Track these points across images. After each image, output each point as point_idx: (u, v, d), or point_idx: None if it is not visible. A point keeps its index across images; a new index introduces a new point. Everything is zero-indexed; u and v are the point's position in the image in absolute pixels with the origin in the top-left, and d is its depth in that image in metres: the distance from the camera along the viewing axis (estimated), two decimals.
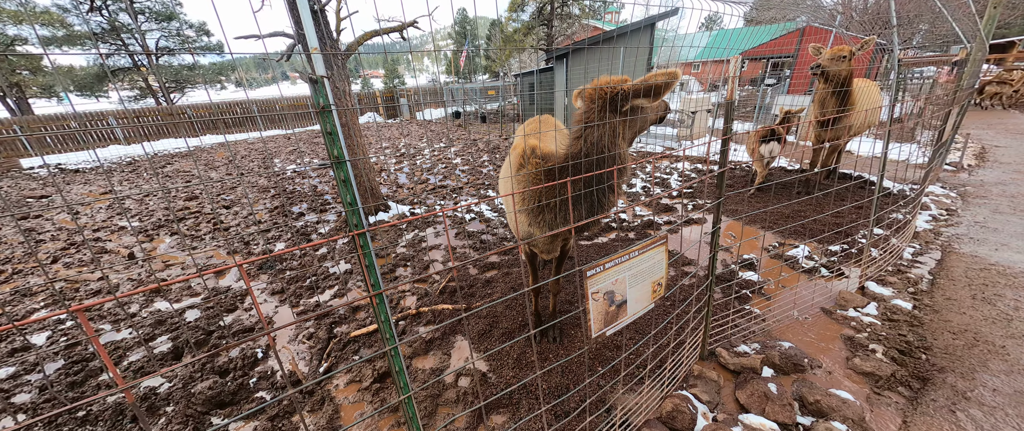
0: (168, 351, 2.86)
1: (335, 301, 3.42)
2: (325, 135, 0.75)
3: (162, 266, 4.38)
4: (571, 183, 1.65)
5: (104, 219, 6.20)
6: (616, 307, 1.38)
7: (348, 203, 0.80)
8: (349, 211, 0.81)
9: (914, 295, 2.69)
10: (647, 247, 1.42)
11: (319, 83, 0.72)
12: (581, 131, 1.65)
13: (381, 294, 0.88)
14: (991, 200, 4.24)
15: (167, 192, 7.78)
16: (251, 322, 3.19)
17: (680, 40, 5.34)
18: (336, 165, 0.77)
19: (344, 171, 0.78)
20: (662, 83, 1.47)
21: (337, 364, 2.61)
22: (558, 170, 1.73)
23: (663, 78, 1.46)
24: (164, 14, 19.57)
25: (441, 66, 46.25)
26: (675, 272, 3.25)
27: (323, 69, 0.73)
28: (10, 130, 12.08)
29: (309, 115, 18.40)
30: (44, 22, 15.38)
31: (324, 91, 0.73)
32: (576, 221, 1.70)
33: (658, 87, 1.49)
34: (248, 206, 6.44)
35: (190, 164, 10.98)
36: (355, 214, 0.81)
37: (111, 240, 5.25)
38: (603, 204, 1.67)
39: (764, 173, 4.66)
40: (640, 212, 4.69)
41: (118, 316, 3.39)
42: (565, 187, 1.70)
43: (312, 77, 0.71)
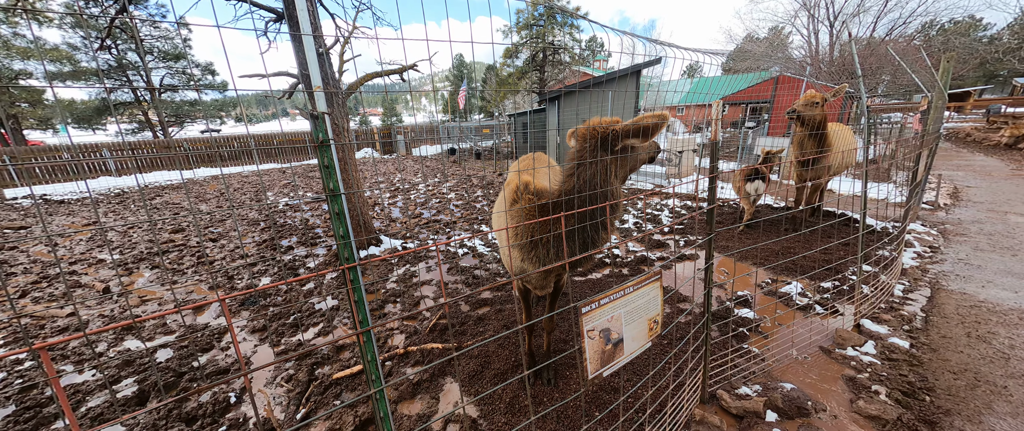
0: (133, 395, 2.65)
1: (319, 339, 3.26)
2: (322, 168, 0.76)
3: (138, 301, 4.18)
4: (564, 219, 1.66)
5: (83, 251, 5.99)
6: (612, 346, 1.34)
7: (341, 236, 0.79)
8: (341, 244, 0.79)
9: (910, 333, 2.67)
10: (642, 282, 1.41)
11: (320, 119, 0.74)
12: (574, 168, 1.69)
13: (369, 331, 0.84)
14: (971, 238, 4.37)
15: (153, 224, 7.62)
16: (227, 362, 3.00)
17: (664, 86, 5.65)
18: (331, 198, 0.77)
19: (339, 204, 0.78)
20: (652, 124, 1.54)
21: (316, 410, 2.43)
22: (551, 206, 1.75)
23: (653, 119, 1.54)
24: (173, 54, 20.33)
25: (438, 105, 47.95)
26: (670, 309, 3.20)
27: (324, 106, 0.75)
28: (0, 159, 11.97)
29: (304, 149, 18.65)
30: (52, 58, 15.82)
31: (324, 126, 0.75)
32: (569, 257, 1.69)
33: (648, 128, 1.56)
34: (236, 239, 6.31)
35: (181, 196, 10.88)
36: (347, 247, 0.80)
37: (87, 273, 5.03)
38: (595, 240, 1.67)
39: (751, 210, 4.77)
40: (633, 248, 4.71)
41: (83, 356, 3.17)
42: (558, 223, 1.71)
43: (313, 113, 0.72)
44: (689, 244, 4.77)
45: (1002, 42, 20.59)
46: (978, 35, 31.80)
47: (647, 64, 10.20)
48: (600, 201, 1.64)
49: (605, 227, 1.68)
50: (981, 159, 10.01)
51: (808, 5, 19.11)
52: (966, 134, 14.57)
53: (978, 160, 9.89)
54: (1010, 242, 4.17)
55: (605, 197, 1.64)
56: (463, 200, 8.15)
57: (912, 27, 19.53)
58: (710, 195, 1.87)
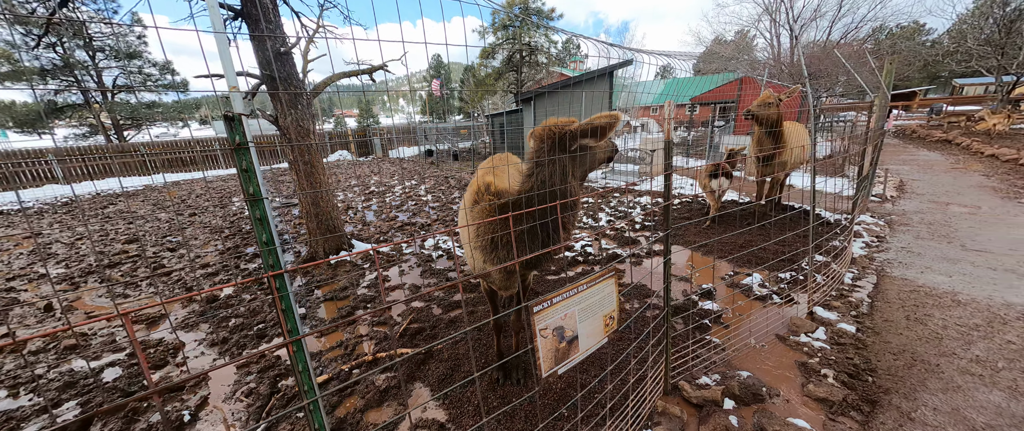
0: (74, 418, 2.46)
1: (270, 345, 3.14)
2: (240, 172, 0.73)
3: (84, 318, 3.89)
4: (520, 218, 1.67)
5: (23, 266, 5.53)
6: (567, 343, 1.35)
7: (264, 243, 0.76)
8: (265, 251, 0.76)
9: (856, 318, 2.84)
10: (595, 280, 1.44)
11: (236, 121, 0.71)
12: (532, 168, 1.70)
13: (299, 341, 0.81)
14: (913, 227, 4.70)
15: (104, 234, 7.12)
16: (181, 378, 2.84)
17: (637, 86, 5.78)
18: (252, 203, 0.74)
19: (260, 209, 0.75)
20: (605, 124, 1.57)
21: (278, 424, 2.34)
22: (511, 206, 1.75)
23: (606, 120, 1.56)
24: (126, 52, 19.11)
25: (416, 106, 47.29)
26: (638, 304, 3.28)
27: (241, 107, 0.72)
28: None
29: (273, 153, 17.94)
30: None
31: (241, 129, 0.72)
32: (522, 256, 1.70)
33: (602, 127, 1.58)
34: (196, 248, 5.99)
35: (136, 204, 10.23)
36: (272, 254, 0.77)
37: (27, 290, 4.65)
38: (554, 239, 1.69)
39: (717, 205, 4.95)
40: (606, 245, 4.79)
41: (19, 379, 2.92)
42: (516, 222, 1.72)
43: (228, 114, 0.69)
44: (659, 240, 4.90)
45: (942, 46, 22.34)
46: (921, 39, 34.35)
47: (619, 65, 10.41)
48: (558, 200, 1.65)
49: (563, 226, 1.69)
50: (924, 154, 10.81)
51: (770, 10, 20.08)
52: (912, 131, 15.69)
53: (922, 155, 10.66)
54: (947, 230, 4.52)
55: (563, 196, 1.66)
56: (440, 202, 8.07)
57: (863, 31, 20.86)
58: (665, 192, 1.93)
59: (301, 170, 4.66)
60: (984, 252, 3.79)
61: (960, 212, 5.17)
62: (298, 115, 4.45)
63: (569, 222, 1.71)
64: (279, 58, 4.24)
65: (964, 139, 11.16)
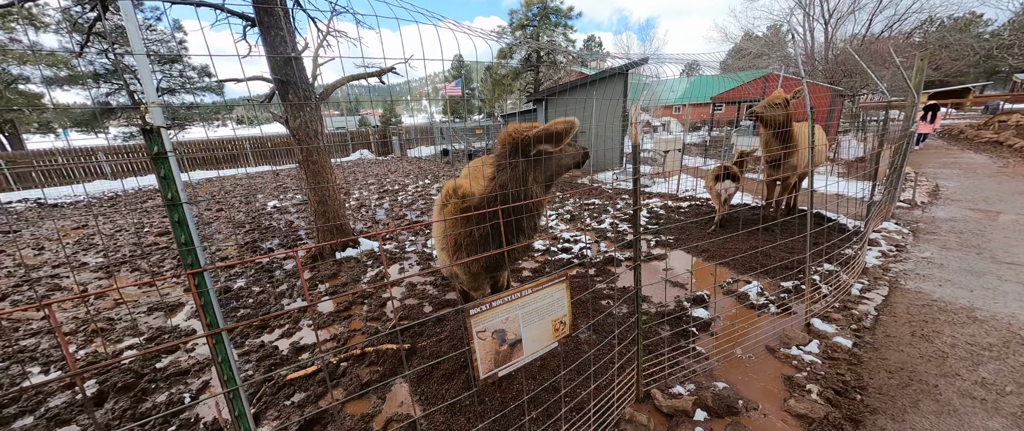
0: (92, 396, 2.70)
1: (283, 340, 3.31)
2: (160, 180, 0.80)
3: (112, 304, 4.24)
4: (480, 221, 1.70)
5: (69, 255, 6.08)
6: (509, 347, 1.38)
7: (183, 244, 0.83)
8: (183, 251, 0.84)
9: (857, 332, 2.69)
10: (543, 285, 1.45)
11: (155, 133, 0.78)
12: (494, 172, 1.73)
13: (220, 334, 0.88)
14: (940, 236, 4.37)
15: (140, 227, 7.70)
16: (189, 364, 3.06)
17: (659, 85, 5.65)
18: (170, 207, 0.81)
19: (179, 213, 0.82)
20: (561, 129, 1.58)
21: (267, 410, 2.48)
22: (473, 209, 1.79)
23: (562, 125, 1.57)
24: (169, 57, 20.49)
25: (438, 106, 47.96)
26: (627, 309, 3.23)
27: (161, 120, 0.79)
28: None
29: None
30: (49, 63, 16.00)
31: (160, 140, 0.79)
32: (487, 258, 1.73)
33: (557, 133, 1.59)
34: (218, 242, 6.39)
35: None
36: (191, 254, 0.84)
37: (69, 277, 5.11)
38: (513, 242, 1.71)
39: (722, 209, 4.79)
40: (605, 249, 4.73)
41: (51, 358, 3.24)
42: (476, 225, 1.75)
43: (145, 127, 0.77)
44: (662, 244, 4.79)
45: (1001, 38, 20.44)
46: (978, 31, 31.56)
47: (633, 65, 10.22)
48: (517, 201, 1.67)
49: (520, 229, 1.71)
50: (969, 156, 9.97)
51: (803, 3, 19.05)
52: (959, 131, 14.49)
53: (967, 158, 9.84)
54: (978, 240, 4.18)
55: (522, 199, 1.68)
56: None
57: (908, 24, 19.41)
58: (634, 198, 1.91)
59: (309, 170, 4.87)
60: (1016, 265, 3.48)
61: (997, 220, 4.75)
62: (306, 118, 4.66)
63: (527, 225, 1.73)
64: (289, 63, 4.46)
65: (1017, 140, 10.21)
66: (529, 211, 1.71)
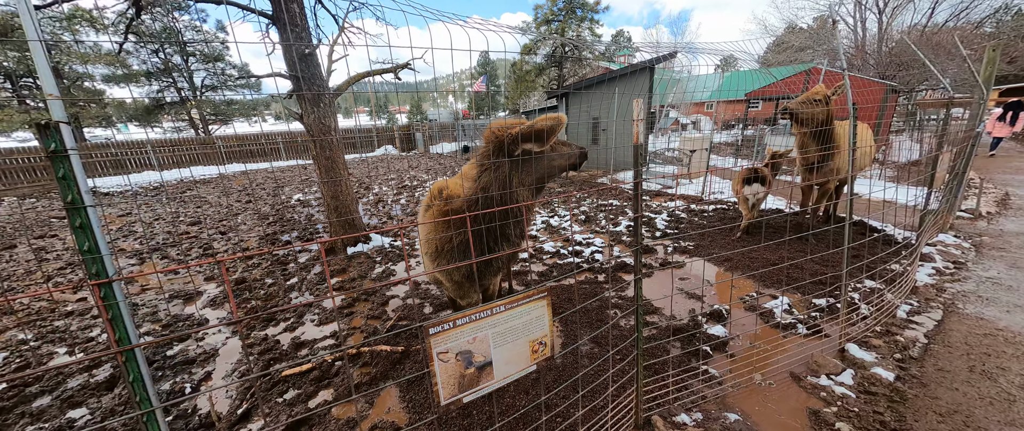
0: (103, 380, 2.82)
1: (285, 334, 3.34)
2: (59, 180, 0.72)
3: (139, 289, 4.47)
4: (461, 226, 1.57)
5: (110, 240, 6.52)
6: (477, 369, 1.24)
7: (86, 251, 0.75)
8: (88, 260, 0.75)
9: (901, 363, 2.34)
10: (518, 301, 1.30)
11: (52, 128, 0.70)
12: (478, 173, 1.59)
13: (131, 351, 0.80)
14: (1009, 253, 3.81)
15: (176, 216, 8.18)
16: (196, 353, 3.13)
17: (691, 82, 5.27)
18: (71, 211, 0.73)
19: (82, 217, 0.74)
20: (547, 128, 1.42)
21: (257, 406, 2.48)
22: (455, 212, 1.66)
23: (548, 123, 1.41)
24: (211, 56, 21.76)
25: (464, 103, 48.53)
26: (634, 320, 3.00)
27: (61, 115, 0.71)
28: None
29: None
30: (107, 62, 17.38)
31: (57, 136, 0.71)
32: (469, 266, 1.59)
33: (543, 131, 1.43)
34: (242, 232, 6.64)
35: (208, 190, 11.63)
36: (96, 263, 0.76)
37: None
38: (494, 248, 1.57)
39: (750, 215, 4.41)
40: (619, 253, 4.49)
41: (76, 339, 3.43)
42: (458, 229, 1.62)
43: (40, 122, 0.68)
44: (681, 251, 4.48)
45: None
46: None
47: (660, 59, 9.73)
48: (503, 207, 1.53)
49: (506, 236, 1.56)
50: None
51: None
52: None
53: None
54: None
55: (506, 204, 1.53)
56: None
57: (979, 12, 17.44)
58: (635, 204, 1.71)
59: (322, 165, 4.93)
60: None
61: None
62: (320, 113, 4.70)
63: (513, 232, 1.58)
64: (304, 60, 4.50)
65: None
66: (515, 216, 1.55)
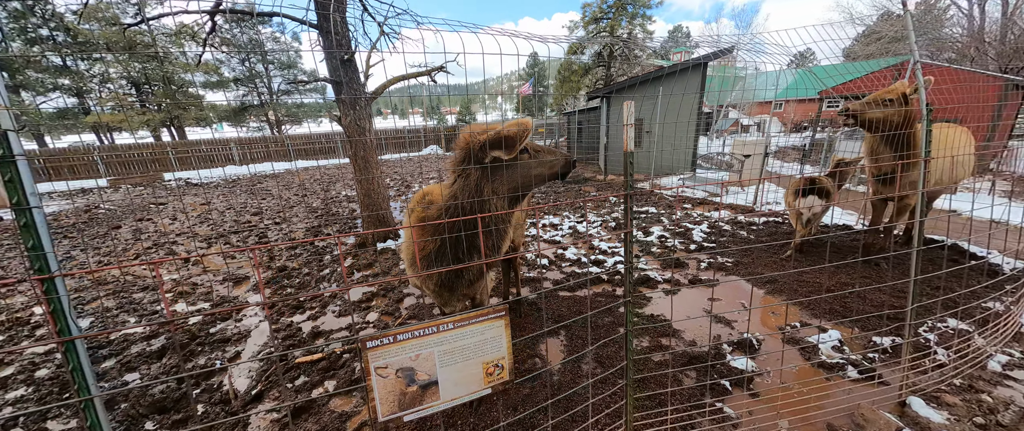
0: (155, 350, 3.21)
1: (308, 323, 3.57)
2: (5, 183, 0.79)
3: (201, 270, 5.08)
4: (434, 233, 1.52)
5: (190, 225, 7.51)
6: (420, 388, 1.18)
7: (31, 248, 0.81)
8: (32, 256, 0.82)
9: (983, 430, 1.86)
10: (470, 319, 1.21)
11: (1, 137, 0.76)
12: (453, 180, 1.54)
13: (72, 342, 0.86)
14: None
15: (244, 207, 9.22)
16: (233, 333, 3.46)
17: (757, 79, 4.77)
18: (18, 211, 0.79)
19: (26, 217, 0.80)
20: (512, 134, 1.32)
21: (269, 389, 2.66)
22: (431, 219, 1.62)
23: (513, 129, 1.31)
24: (287, 64, 24.28)
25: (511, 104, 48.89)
26: (648, 342, 2.75)
27: (9, 123, 0.77)
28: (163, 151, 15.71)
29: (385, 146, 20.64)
30: (205, 71, 20.16)
31: (5, 143, 0.77)
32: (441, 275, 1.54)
33: (509, 138, 1.33)
34: (293, 223, 7.28)
35: (273, 183, 12.98)
36: (40, 259, 0.82)
37: (182, 244, 6.30)
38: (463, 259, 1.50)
39: (804, 231, 3.85)
40: (645, 266, 4.18)
41: (144, 312, 3.96)
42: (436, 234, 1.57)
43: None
44: (715, 268, 4.04)
45: None
46: None
47: (715, 55, 8.97)
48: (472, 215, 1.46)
49: (475, 248, 1.49)
50: None
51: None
52: None
53: None
54: None
55: (476, 213, 1.45)
56: None
57: None
58: (625, 217, 1.54)
59: (357, 164, 5.21)
60: None
61: None
62: (356, 115, 4.98)
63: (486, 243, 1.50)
64: (343, 66, 4.79)
65: None
66: (486, 226, 1.47)
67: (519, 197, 1.54)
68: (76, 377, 0.90)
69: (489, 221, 1.45)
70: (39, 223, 0.84)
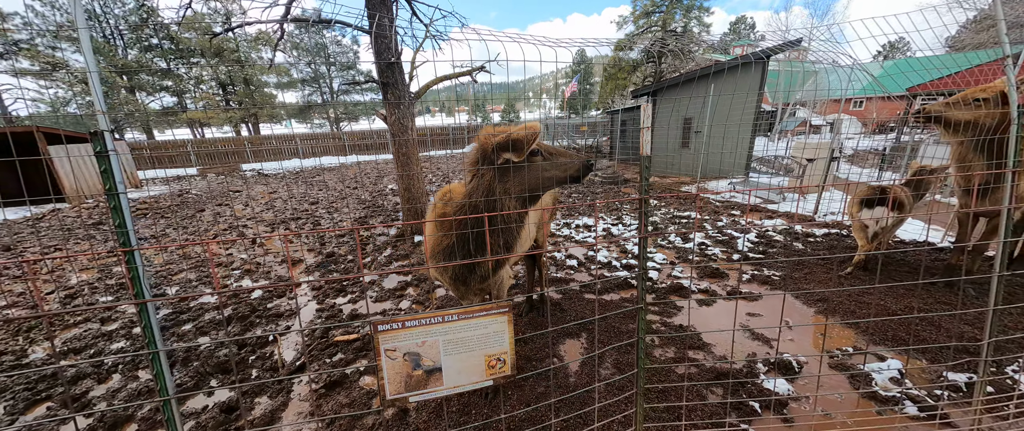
0: (224, 318, 3.69)
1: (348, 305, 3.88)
2: (102, 173, 0.99)
3: (263, 252, 5.70)
4: (449, 229, 1.61)
5: (257, 211, 8.45)
6: (425, 373, 1.26)
7: (118, 226, 1.01)
8: (120, 232, 1.02)
9: None
10: (474, 313, 1.28)
11: (98, 136, 0.96)
12: (468, 180, 1.61)
13: (144, 304, 1.05)
14: None
15: (304, 196, 10.17)
16: (285, 309, 3.87)
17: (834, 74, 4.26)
18: (110, 195, 0.99)
19: (116, 201, 1.00)
20: (520, 137, 1.35)
21: (309, 364, 2.96)
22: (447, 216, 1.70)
23: (521, 133, 1.34)
24: (346, 65, 26.18)
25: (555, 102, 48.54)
26: (674, 352, 2.64)
27: (105, 124, 0.96)
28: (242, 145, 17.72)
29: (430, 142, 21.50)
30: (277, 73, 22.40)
31: (101, 141, 0.97)
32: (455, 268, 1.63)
33: (517, 141, 1.37)
34: (342, 215, 7.89)
35: (330, 176, 14.12)
36: (124, 235, 1.01)
37: (250, 228, 7.11)
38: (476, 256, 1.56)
39: (868, 247, 3.43)
40: (677, 273, 3.98)
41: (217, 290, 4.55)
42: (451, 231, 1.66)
43: (90, 131, 0.95)
44: (763, 281, 3.75)
45: None
46: None
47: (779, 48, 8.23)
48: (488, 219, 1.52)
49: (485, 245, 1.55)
50: None
51: None
52: None
53: None
54: None
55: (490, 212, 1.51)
56: None
57: None
58: (639, 222, 1.51)
59: (400, 160, 5.53)
60: None
61: None
62: (400, 114, 5.28)
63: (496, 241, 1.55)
64: (389, 68, 5.10)
65: None
66: (497, 225, 1.52)
67: (532, 198, 1.57)
68: (146, 333, 1.10)
69: (499, 220, 1.50)
70: (124, 206, 1.04)
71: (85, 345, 3.28)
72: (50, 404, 2.55)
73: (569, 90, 23.25)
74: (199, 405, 2.52)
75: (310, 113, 28.14)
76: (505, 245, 1.57)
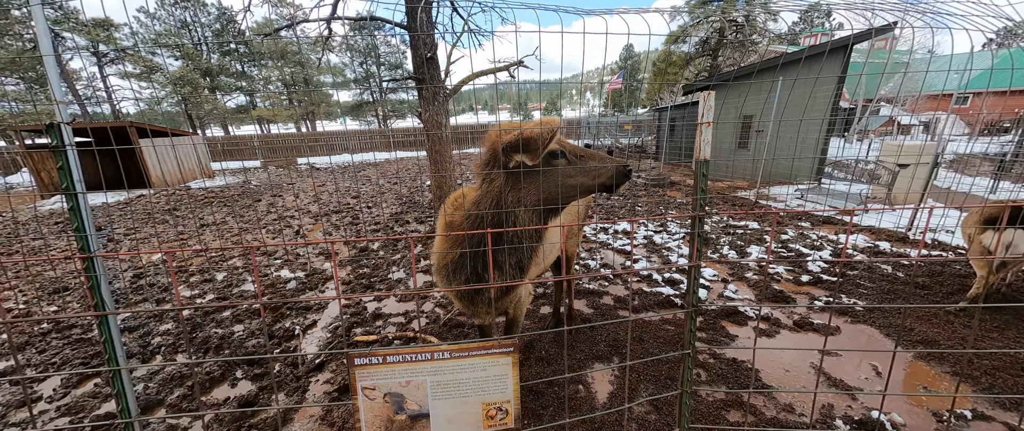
0: (255, 309, 3.82)
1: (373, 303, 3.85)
2: (58, 170, 0.89)
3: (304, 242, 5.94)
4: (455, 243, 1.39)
5: (305, 203, 8.94)
6: (409, 418, 1.05)
7: (76, 230, 0.90)
8: (78, 236, 0.91)
9: None
10: (470, 351, 1.04)
11: (55, 128, 0.85)
12: (478, 186, 1.38)
13: (105, 317, 0.94)
14: None
15: (348, 190, 10.63)
16: (314, 303, 3.92)
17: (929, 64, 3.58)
18: (67, 195, 0.89)
19: (73, 202, 0.89)
20: (535, 135, 1.08)
21: (329, 361, 2.91)
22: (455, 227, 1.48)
23: (536, 131, 1.08)
24: (395, 64, 27.25)
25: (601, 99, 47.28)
26: (724, 395, 2.22)
27: (63, 116, 0.86)
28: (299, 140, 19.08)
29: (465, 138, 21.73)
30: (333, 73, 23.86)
31: (58, 134, 0.86)
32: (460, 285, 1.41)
33: (531, 140, 1.10)
34: (379, 210, 8.08)
35: (374, 171, 14.70)
36: (83, 239, 0.91)
37: (296, 219, 7.49)
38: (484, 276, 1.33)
39: (992, 278, 2.71)
40: (732, 292, 3.47)
41: (260, 276, 4.77)
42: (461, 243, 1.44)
43: (46, 123, 0.84)
44: (840, 312, 3.13)
45: None
46: None
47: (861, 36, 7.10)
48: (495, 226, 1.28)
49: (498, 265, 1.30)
50: None
51: None
52: None
53: None
54: None
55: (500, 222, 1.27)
56: None
57: None
58: (691, 245, 1.18)
59: (432, 157, 5.47)
60: None
61: None
62: (434, 111, 5.20)
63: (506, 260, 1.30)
64: (426, 64, 5.03)
65: None
66: (509, 242, 1.27)
67: (554, 210, 1.30)
68: (107, 348, 1.01)
69: (510, 236, 1.25)
70: (82, 207, 0.94)
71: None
72: None
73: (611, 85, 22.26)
74: (221, 396, 2.56)
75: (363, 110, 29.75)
76: (517, 265, 1.31)
